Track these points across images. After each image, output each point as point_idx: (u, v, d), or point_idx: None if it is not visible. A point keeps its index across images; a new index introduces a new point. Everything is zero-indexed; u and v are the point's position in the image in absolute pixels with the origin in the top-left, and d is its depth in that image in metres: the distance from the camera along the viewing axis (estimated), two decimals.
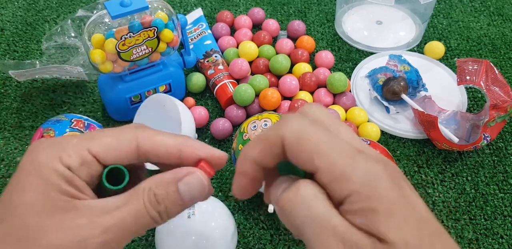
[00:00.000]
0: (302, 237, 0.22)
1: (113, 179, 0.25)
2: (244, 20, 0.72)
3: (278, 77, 0.64)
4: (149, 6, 0.51)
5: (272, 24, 0.71)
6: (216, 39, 0.70)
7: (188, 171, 0.25)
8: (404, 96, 0.60)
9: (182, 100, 0.62)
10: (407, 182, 0.22)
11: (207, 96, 0.64)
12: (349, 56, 0.70)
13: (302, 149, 0.22)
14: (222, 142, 0.59)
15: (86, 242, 0.22)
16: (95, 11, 0.66)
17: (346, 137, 0.23)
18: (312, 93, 0.63)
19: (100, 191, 0.25)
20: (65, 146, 0.24)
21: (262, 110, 0.60)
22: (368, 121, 0.60)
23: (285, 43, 0.68)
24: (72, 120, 0.51)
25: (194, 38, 0.69)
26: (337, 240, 0.20)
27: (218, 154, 0.26)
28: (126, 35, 0.50)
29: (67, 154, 0.24)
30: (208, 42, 0.68)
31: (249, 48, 0.66)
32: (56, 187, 0.23)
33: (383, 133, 0.60)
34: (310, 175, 0.23)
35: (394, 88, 0.60)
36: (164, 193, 0.24)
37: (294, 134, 0.22)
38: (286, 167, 0.24)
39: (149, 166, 0.53)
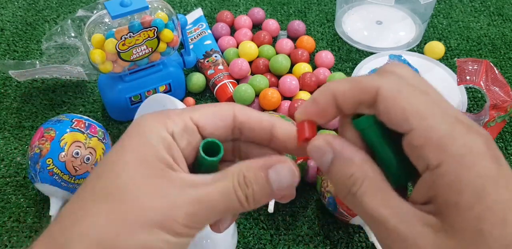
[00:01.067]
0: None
1: (208, 153, 0.25)
2: (244, 20, 0.72)
3: (278, 77, 0.64)
4: (149, 6, 0.51)
5: (272, 24, 0.71)
6: (216, 39, 0.70)
7: (280, 159, 0.24)
8: None
9: (182, 100, 0.62)
10: (506, 162, 0.20)
11: (207, 96, 0.64)
12: (349, 56, 0.70)
13: (398, 105, 0.21)
14: None
15: (175, 211, 0.22)
16: (95, 11, 0.66)
17: (438, 100, 0.21)
18: (312, 93, 0.63)
19: (194, 167, 0.25)
20: (171, 113, 0.24)
21: (262, 110, 0.60)
22: None
23: (285, 43, 0.68)
24: (73, 120, 0.51)
25: (194, 38, 0.69)
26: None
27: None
28: (126, 35, 0.50)
29: (172, 120, 0.24)
30: (208, 42, 0.68)
31: (249, 48, 0.66)
32: (155, 152, 0.23)
33: None
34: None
35: None
36: (253, 177, 0.23)
37: (392, 87, 0.21)
38: (367, 123, 0.23)
39: None
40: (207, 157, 0.25)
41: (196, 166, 0.26)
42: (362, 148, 0.23)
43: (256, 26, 0.74)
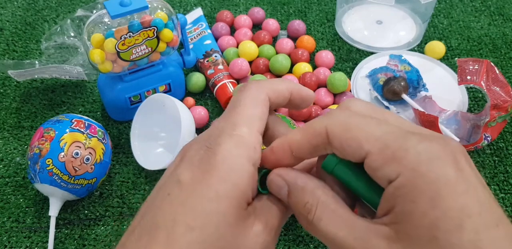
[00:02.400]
0: None
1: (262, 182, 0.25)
2: (244, 20, 0.72)
3: (278, 77, 0.64)
4: (149, 5, 0.51)
5: (272, 23, 0.71)
6: (216, 39, 0.70)
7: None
8: (404, 96, 0.60)
9: (182, 100, 0.62)
10: (469, 162, 0.20)
11: (207, 96, 0.64)
12: (349, 56, 0.70)
13: (349, 136, 0.21)
14: None
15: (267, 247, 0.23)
16: (94, 11, 0.66)
17: (394, 122, 0.22)
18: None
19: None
20: (246, 138, 0.23)
21: None
22: None
23: (285, 43, 0.67)
24: (73, 120, 0.51)
25: (194, 38, 0.69)
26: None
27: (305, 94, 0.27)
28: (126, 34, 0.50)
29: (253, 148, 0.23)
30: (208, 42, 0.68)
31: (249, 48, 0.66)
32: (243, 199, 0.22)
33: None
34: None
35: (394, 88, 0.60)
36: None
37: (340, 123, 0.22)
38: (333, 162, 0.23)
39: (149, 166, 0.53)
40: (263, 190, 0.25)
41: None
42: (343, 188, 0.24)
43: (256, 26, 0.74)
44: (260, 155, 0.23)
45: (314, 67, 0.67)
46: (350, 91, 0.64)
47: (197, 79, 0.63)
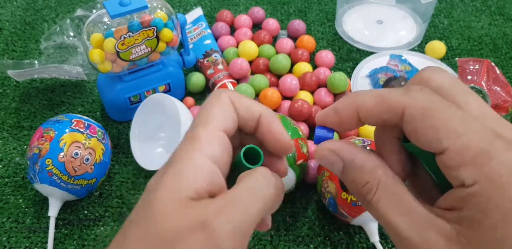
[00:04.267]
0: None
1: (247, 159, 0.25)
2: (244, 20, 0.71)
3: (278, 76, 0.64)
4: (149, 5, 0.50)
5: (272, 23, 0.71)
6: (216, 39, 0.70)
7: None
8: None
9: (181, 100, 0.62)
10: None
11: (207, 96, 0.64)
12: (349, 56, 0.70)
13: (428, 125, 0.19)
14: None
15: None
16: (94, 11, 0.66)
17: (477, 112, 0.20)
18: (312, 93, 0.63)
19: (230, 172, 0.25)
20: (203, 135, 0.23)
21: None
22: None
23: (285, 43, 0.67)
24: (72, 121, 0.51)
25: (194, 37, 0.69)
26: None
27: (282, 141, 0.25)
28: (126, 34, 0.50)
29: (206, 143, 0.23)
30: (208, 41, 0.68)
31: (249, 47, 0.65)
32: (196, 189, 0.21)
33: None
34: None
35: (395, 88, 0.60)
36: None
37: (420, 106, 0.20)
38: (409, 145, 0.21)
39: (149, 166, 0.53)
40: (249, 165, 0.24)
41: (232, 171, 0.25)
42: (404, 166, 0.22)
43: (256, 26, 0.74)
44: (219, 148, 0.23)
45: (314, 67, 0.67)
46: (350, 91, 0.64)
47: (197, 79, 0.63)
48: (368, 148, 0.45)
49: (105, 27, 0.50)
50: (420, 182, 0.24)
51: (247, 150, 0.24)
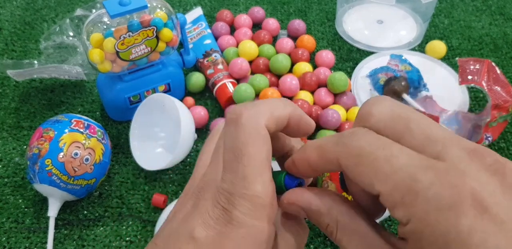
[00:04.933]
0: None
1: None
2: (244, 19, 0.71)
3: (278, 76, 0.64)
4: (148, 5, 0.50)
5: (272, 23, 0.71)
6: (216, 39, 0.70)
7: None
8: (405, 96, 0.60)
9: (181, 100, 0.62)
10: (497, 197, 0.17)
11: (207, 96, 0.64)
12: (349, 56, 0.69)
13: (361, 172, 0.19)
14: None
15: None
16: (94, 11, 0.66)
17: (419, 138, 0.19)
18: (312, 92, 0.62)
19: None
20: (261, 196, 0.21)
21: None
22: None
23: (285, 43, 0.67)
24: (72, 120, 0.51)
25: (194, 37, 0.69)
26: None
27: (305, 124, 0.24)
28: (125, 34, 0.50)
29: (269, 206, 0.22)
30: (208, 41, 0.68)
31: (249, 47, 0.65)
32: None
33: None
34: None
35: (395, 88, 0.60)
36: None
37: (351, 153, 0.20)
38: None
39: (148, 166, 0.53)
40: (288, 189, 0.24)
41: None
42: (371, 202, 0.23)
43: (256, 26, 0.74)
44: (276, 208, 0.23)
45: (314, 66, 0.67)
46: (351, 91, 0.64)
47: (196, 79, 0.63)
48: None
49: (105, 27, 0.50)
50: None
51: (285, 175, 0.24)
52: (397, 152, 0.19)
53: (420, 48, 0.71)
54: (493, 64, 0.57)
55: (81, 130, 0.50)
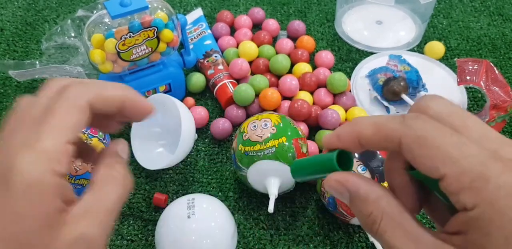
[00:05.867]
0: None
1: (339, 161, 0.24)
2: (244, 20, 0.72)
3: (278, 77, 0.64)
4: (149, 6, 0.51)
5: (272, 24, 0.71)
6: (216, 39, 0.70)
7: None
8: (404, 96, 0.60)
9: (182, 100, 0.62)
10: None
11: (207, 96, 0.64)
12: (349, 56, 0.70)
13: (425, 153, 0.20)
14: (222, 142, 0.59)
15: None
16: (95, 11, 0.66)
17: (477, 134, 0.20)
18: (312, 93, 0.63)
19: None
20: (49, 152, 0.22)
21: (262, 110, 0.60)
22: None
23: (285, 43, 0.68)
24: None
25: (194, 38, 0.69)
26: None
27: (141, 104, 0.26)
28: (126, 35, 0.50)
29: (57, 161, 0.22)
30: (208, 42, 0.68)
31: (249, 48, 0.66)
32: (50, 211, 0.21)
33: None
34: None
35: (394, 88, 0.60)
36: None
37: (415, 135, 0.20)
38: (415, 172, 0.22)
39: (149, 166, 0.53)
40: (340, 168, 0.24)
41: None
42: (414, 192, 0.23)
43: (256, 26, 0.74)
44: (68, 164, 0.22)
45: (314, 67, 0.67)
46: (350, 91, 0.64)
47: (197, 79, 0.63)
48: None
49: (106, 27, 0.50)
50: (434, 207, 0.24)
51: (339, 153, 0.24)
52: (465, 140, 0.20)
53: (419, 48, 0.71)
54: (492, 64, 0.58)
55: (83, 130, 0.51)
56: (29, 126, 0.22)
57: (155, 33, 0.52)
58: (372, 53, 0.70)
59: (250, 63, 0.65)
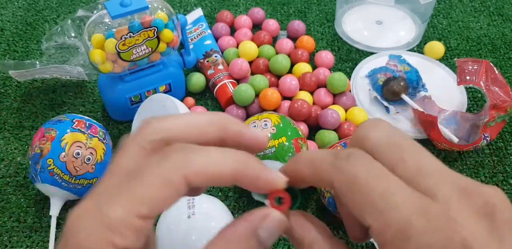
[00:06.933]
0: None
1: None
2: (244, 20, 0.72)
3: (278, 77, 0.64)
4: (149, 6, 0.51)
5: (272, 24, 0.71)
6: (216, 39, 0.70)
7: (263, 214, 0.21)
8: (404, 96, 0.60)
9: (182, 100, 0.62)
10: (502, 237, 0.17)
11: (207, 96, 0.64)
12: (349, 56, 0.70)
13: (353, 201, 0.19)
14: None
15: None
16: (95, 11, 0.66)
17: (411, 171, 0.19)
18: (312, 93, 0.63)
19: None
20: (112, 222, 0.19)
21: (262, 110, 0.60)
22: None
23: (285, 43, 0.68)
24: (74, 120, 0.51)
25: (194, 38, 0.69)
26: None
27: (281, 182, 0.22)
28: (126, 35, 0.50)
29: (118, 234, 0.19)
30: (208, 42, 0.68)
31: (249, 48, 0.66)
32: None
33: None
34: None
35: (394, 88, 0.60)
36: (245, 248, 0.21)
37: (345, 179, 0.19)
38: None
39: None
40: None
41: None
42: (359, 228, 0.23)
43: (256, 26, 0.74)
44: (136, 239, 0.19)
45: (314, 67, 0.67)
46: (350, 91, 0.64)
47: (197, 79, 0.63)
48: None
49: (106, 27, 0.50)
50: None
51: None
52: (393, 187, 0.19)
53: (419, 48, 0.71)
54: (491, 64, 0.58)
55: (83, 130, 0.51)
56: (111, 185, 0.20)
57: (155, 33, 0.52)
58: (372, 53, 0.70)
59: (250, 63, 0.66)
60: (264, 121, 0.51)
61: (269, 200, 0.22)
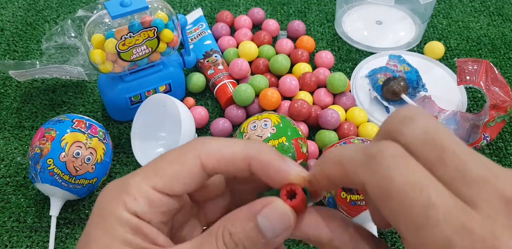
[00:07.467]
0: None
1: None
2: (244, 20, 0.72)
3: (278, 77, 0.64)
4: (149, 6, 0.51)
5: (272, 24, 0.71)
6: (216, 39, 0.70)
7: (266, 201, 0.20)
8: (404, 96, 0.60)
9: (182, 100, 0.62)
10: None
11: (207, 96, 0.64)
12: (349, 56, 0.70)
13: (389, 211, 0.17)
14: None
15: None
16: (95, 11, 0.67)
17: (453, 174, 0.17)
18: (312, 93, 0.63)
19: None
20: (129, 187, 0.21)
21: (262, 110, 0.60)
22: (368, 121, 0.60)
23: (285, 43, 0.68)
24: (74, 120, 0.51)
25: (194, 38, 0.69)
26: None
27: (294, 174, 0.21)
28: (126, 35, 0.50)
29: (132, 197, 0.21)
30: (208, 42, 0.68)
31: (249, 48, 0.66)
32: (120, 239, 0.20)
33: None
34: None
35: (394, 88, 0.60)
36: (241, 232, 0.20)
37: (378, 184, 0.17)
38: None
39: None
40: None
41: None
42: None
43: (256, 26, 0.74)
44: (141, 205, 0.21)
45: (314, 67, 0.67)
46: (350, 91, 0.64)
47: (197, 79, 0.63)
48: None
49: (106, 27, 0.50)
50: None
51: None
52: (435, 197, 0.16)
53: (419, 48, 0.71)
54: (491, 64, 0.58)
55: (83, 130, 0.51)
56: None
57: (155, 33, 0.52)
58: (372, 53, 0.70)
59: (250, 63, 0.66)
60: (264, 121, 0.51)
61: (281, 195, 0.21)
